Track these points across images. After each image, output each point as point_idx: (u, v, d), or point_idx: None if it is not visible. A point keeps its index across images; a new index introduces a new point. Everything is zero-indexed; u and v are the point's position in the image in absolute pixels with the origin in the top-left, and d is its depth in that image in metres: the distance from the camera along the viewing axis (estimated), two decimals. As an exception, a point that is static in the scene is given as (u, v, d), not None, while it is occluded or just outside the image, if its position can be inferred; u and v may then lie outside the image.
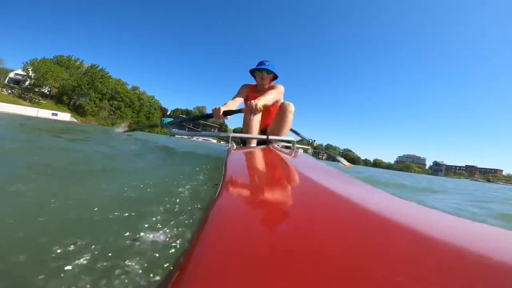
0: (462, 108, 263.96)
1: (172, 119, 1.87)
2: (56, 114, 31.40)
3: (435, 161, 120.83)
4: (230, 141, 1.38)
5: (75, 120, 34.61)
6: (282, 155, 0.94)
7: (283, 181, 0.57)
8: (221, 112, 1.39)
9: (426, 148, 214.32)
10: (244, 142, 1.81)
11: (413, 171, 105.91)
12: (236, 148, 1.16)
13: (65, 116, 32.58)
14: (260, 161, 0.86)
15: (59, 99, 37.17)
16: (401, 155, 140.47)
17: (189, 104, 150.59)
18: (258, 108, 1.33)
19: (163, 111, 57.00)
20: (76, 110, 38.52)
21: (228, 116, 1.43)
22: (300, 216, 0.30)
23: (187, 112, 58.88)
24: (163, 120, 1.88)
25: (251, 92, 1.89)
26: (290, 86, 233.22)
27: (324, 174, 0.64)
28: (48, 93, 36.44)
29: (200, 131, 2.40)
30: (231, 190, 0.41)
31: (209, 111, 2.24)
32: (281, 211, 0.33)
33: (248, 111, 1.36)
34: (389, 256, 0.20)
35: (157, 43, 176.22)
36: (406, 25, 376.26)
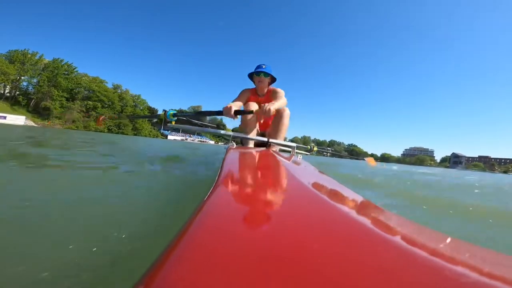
0: (464, 97, 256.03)
1: (175, 111, 1.77)
2: (4, 117, 25.92)
3: (453, 153, 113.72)
4: (230, 140, 1.57)
5: (33, 123, 29.15)
6: (280, 158, 0.93)
7: (276, 184, 0.58)
8: (232, 111, 1.46)
9: (430, 139, 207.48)
10: (244, 143, 1.95)
11: (428, 164, 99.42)
12: (235, 147, 1.23)
13: (17, 119, 27.07)
14: (257, 162, 0.89)
15: (16, 100, 31.71)
16: (408, 147, 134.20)
17: (183, 104, 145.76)
18: (272, 112, 1.44)
19: (152, 111, 51.28)
20: (39, 112, 33.07)
21: (238, 116, 1.53)
22: (285, 220, 0.30)
23: (181, 112, 52.90)
24: (167, 111, 1.74)
25: (252, 95, 1.97)
26: (292, 83, 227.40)
27: (317, 180, 0.66)
28: (3, 94, 30.86)
29: (200, 127, 2.08)
30: (224, 188, 0.43)
31: (204, 110, 1.86)
32: (269, 213, 0.33)
33: (261, 113, 1.46)
34: (366, 262, 0.20)
35: (148, 42, 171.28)
36: (406, 20, 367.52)
